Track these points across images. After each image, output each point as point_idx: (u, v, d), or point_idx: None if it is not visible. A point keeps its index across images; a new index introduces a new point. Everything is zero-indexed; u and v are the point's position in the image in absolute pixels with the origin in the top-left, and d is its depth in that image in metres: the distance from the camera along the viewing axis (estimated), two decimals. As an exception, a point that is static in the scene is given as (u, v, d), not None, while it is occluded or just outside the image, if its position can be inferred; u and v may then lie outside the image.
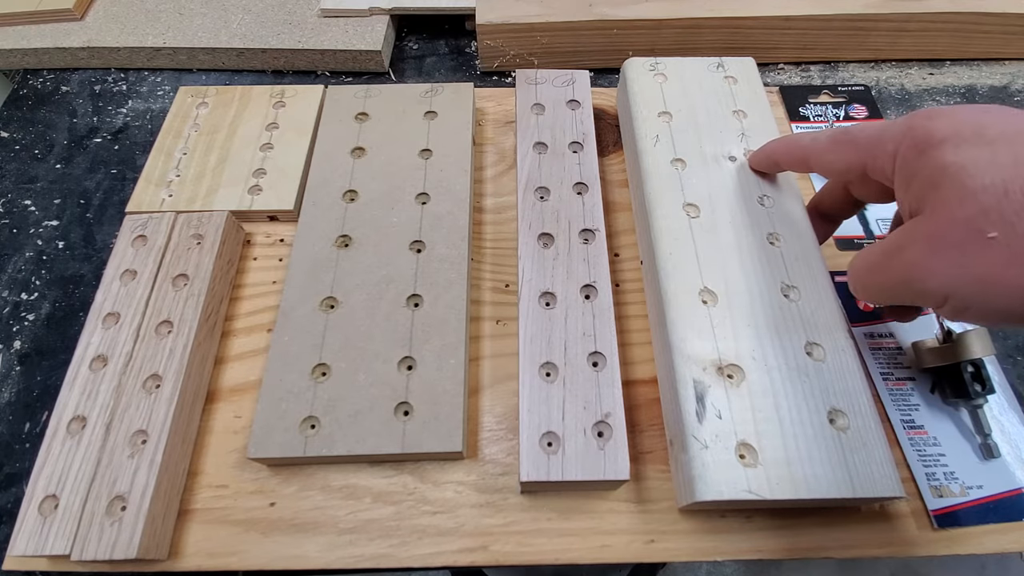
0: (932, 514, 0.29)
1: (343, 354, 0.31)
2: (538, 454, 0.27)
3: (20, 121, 0.47)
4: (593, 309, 0.31)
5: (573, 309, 0.31)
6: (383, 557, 0.28)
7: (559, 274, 0.32)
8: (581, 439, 0.27)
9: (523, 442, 0.27)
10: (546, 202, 0.35)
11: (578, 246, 0.33)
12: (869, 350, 0.34)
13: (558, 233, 0.33)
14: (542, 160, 0.36)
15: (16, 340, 0.36)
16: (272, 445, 0.29)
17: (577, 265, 0.32)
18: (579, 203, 0.35)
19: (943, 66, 0.49)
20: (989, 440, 0.30)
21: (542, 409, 0.28)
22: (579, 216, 0.34)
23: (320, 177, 0.37)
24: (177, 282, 0.34)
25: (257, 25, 0.49)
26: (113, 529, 0.27)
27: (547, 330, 0.30)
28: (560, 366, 0.29)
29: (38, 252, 0.40)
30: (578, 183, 0.36)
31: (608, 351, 0.30)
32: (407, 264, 0.34)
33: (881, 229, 0.38)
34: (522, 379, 0.29)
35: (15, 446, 0.33)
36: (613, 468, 0.27)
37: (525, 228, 0.34)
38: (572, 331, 0.30)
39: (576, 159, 0.37)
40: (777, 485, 0.26)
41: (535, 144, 0.37)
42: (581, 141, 0.38)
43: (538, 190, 0.35)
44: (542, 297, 0.31)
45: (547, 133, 0.38)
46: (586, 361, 0.29)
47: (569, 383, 0.29)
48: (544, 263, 0.32)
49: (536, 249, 0.33)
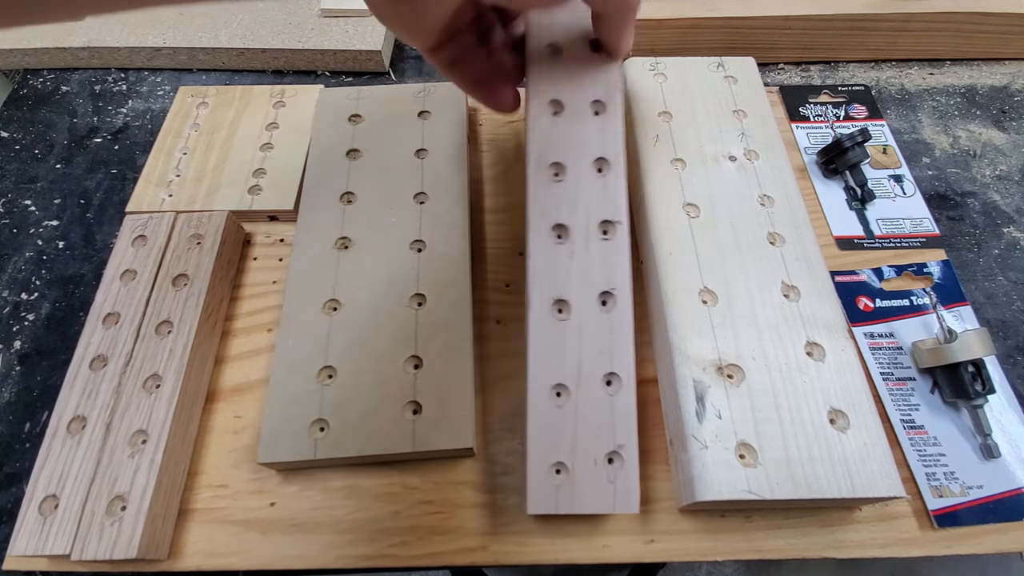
0: (932, 514, 0.29)
1: (349, 355, 0.31)
2: (546, 485, 0.25)
3: (20, 121, 0.47)
4: (611, 322, 0.27)
5: (589, 321, 0.27)
6: (383, 557, 0.28)
7: (574, 276, 0.27)
8: (591, 469, 0.25)
9: (530, 471, 0.25)
10: (561, 183, 0.29)
11: (597, 242, 0.28)
12: (869, 350, 0.34)
13: (574, 225, 0.28)
14: (556, 125, 0.29)
15: (16, 340, 0.36)
16: (282, 449, 0.29)
17: (595, 266, 0.27)
18: (599, 185, 0.28)
19: (943, 66, 0.49)
20: (989, 440, 0.30)
21: (551, 436, 0.26)
22: (599, 203, 0.28)
23: (316, 180, 0.37)
24: (177, 282, 0.34)
25: (257, 25, 0.49)
26: (113, 529, 0.27)
27: (559, 345, 0.26)
28: (572, 388, 0.26)
29: (38, 252, 0.40)
30: (599, 159, 0.29)
31: (625, 373, 0.26)
32: (408, 263, 0.34)
33: (881, 229, 0.38)
34: (530, 401, 0.26)
35: (15, 446, 0.33)
36: (623, 502, 0.25)
37: (537, 216, 0.28)
38: (587, 348, 0.26)
39: (598, 124, 0.29)
40: (777, 485, 0.26)
41: (550, 102, 0.30)
42: (605, 100, 0.30)
43: (552, 166, 0.29)
44: (554, 305, 0.27)
45: (563, 87, 0.30)
46: (600, 382, 0.26)
47: (581, 408, 0.26)
48: (558, 262, 0.28)
49: (549, 244, 0.28)
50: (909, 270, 0.36)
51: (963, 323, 0.35)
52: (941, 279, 0.36)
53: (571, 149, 0.29)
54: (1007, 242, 0.39)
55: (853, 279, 0.36)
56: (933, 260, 0.37)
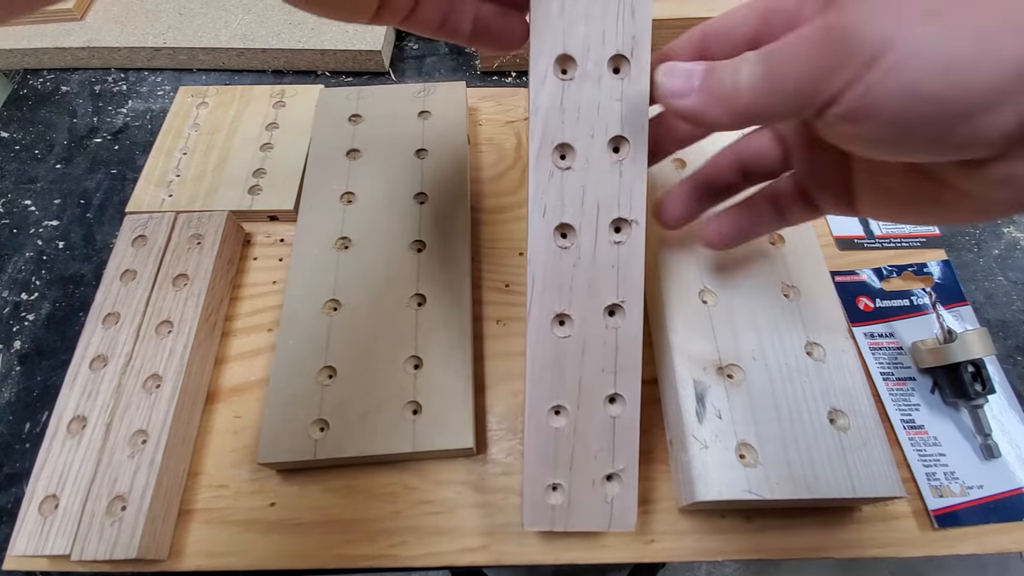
0: (932, 514, 0.29)
1: (349, 355, 0.31)
2: (541, 503, 0.25)
3: (20, 121, 0.47)
4: (618, 338, 0.24)
5: (593, 338, 0.24)
6: (383, 557, 0.28)
7: (579, 287, 0.24)
8: (588, 489, 0.25)
9: (526, 490, 0.25)
10: (569, 171, 0.24)
11: (608, 246, 0.24)
12: (869, 350, 0.34)
13: (582, 224, 0.24)
14: (566, 91, 0.23)
15: (16, 340, 0.36)
16: (282, 450, 0.29)
17: (604, 274, 0.24)
18: (615, 173, 0.24)
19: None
20: (989, 440, 0.30)
21: (548, 457, 0.25)
22: (613, 196, 0.24)
23: (316, 180, 0.37)
24: (177, 282, 0.33)
25: (257, 25, 0.49)
26: (113, 529, 0.27)
27: (559, 364, 0.24)
28: (572, 410, 0.25)
29: (38, 252, 0.40)
30: (616, 137, 0.23)
31: (629, 394, 0.25)
32: (408, 264, 0.34)
33: (881, 229, 0.38)
34: (528, 422, 0.25)
35: (15, 446, 0.33)
36: (619, 521, 0.25)
37: (538, 214, 0.24)
38: (590, 367, 0.24)
39: (617, 89, 0.23)
40: (777, 485, 0.26)
41: (558, 58, 0.23)
42: (628, 54, 0.23)
43: (558, 148, 0.24)
44: (555, 319, 0.25)
45: (577, 37, 0.23)
46: (602, 403, 0.25)
47: (580, 429, 0.25)
48: (561, 269, 0.24)
49: (551, 247, 0.24)
50: (909, 270, 0.36)
51: (963, 323, 0.35)
52: (941, 279, 0.36)
53: (582, 124, 0.23)
54: (1007, 242, 0.39)
55: (853, 279, 0.36)
56: (933, 260, 0.37)
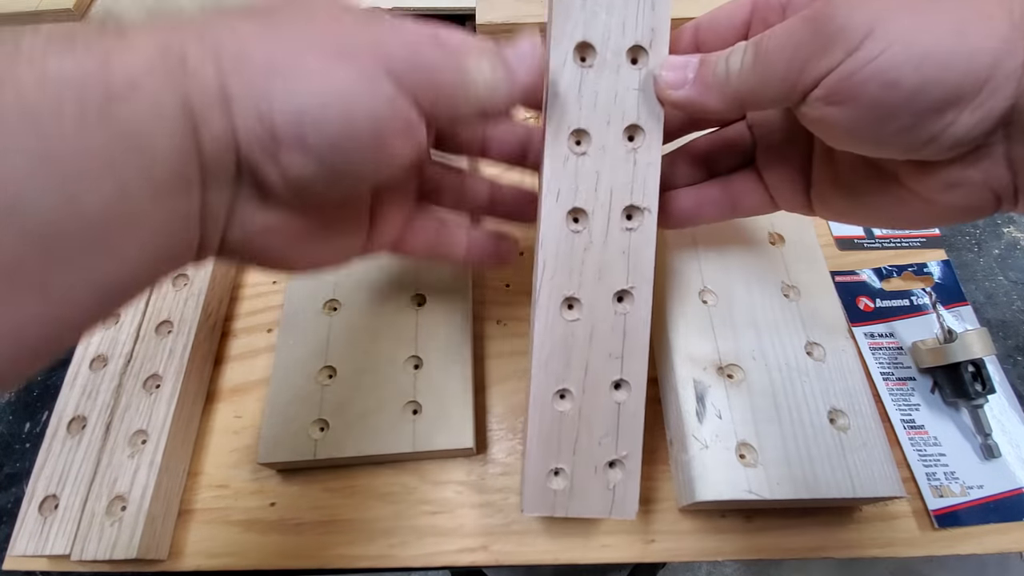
0: (932, 514, 0.29)
1: (349, 355, 0.31)
2: (542, 488, 0.25)
3: (20, 121, 0.47)
4: (625, 324, 0.24)
5: (601, 323, 0.24)
6: (383, 557, 0.28)
7: (589, 271, 0.24)
8: (590, 475, 0.24)
9: (527, 473, 0.25)
10: (584, 157, 0.24)
11: (619, 232, 0.24)
12: (869, 350, 0.34)
13: (595, 209, 0.24)
14: (585, 78, 0.23)
15: (16, 340, 0.36)
16: (282, 449, 0.29)
17: (614, 259, 0.24)
18: (629, 161, 0.24)
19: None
20: (990, 440, 0.30)
21: (551, 441, 0.24)
22: (627, 183, 0.24)
23: None
24: (177, 282, 0.33)
25: (257, 25, 0.49)
26: (113, 529, 0.27)
27: (567, 348, 0.24)
28: (577, 394, 0.24)
29: (38, 252, 0.40)
30: (631, 126, 0.23)
31: (635, 380, 0.24)
32: (408, 264, 0.34)
33: (882, 229, 0.38)
34: (532, 403, 0.25)
35: (15, 446, 0.33)
36: (620, 508, 0.25)
37: (551, 199, 0.24)
38: (597, 351, 0.24)
39: (634, 79, 0.23)
40: (777, 485, 0.26)
41: (578, 45, 0.23)
42: (646, 45, 0.23)
43: (574, 134, 0.24)
44: (564, 302, 0.24)
45: (598, 26, 0.23)
46: (608, 388, 0.24)
47: (585, 414, 0.24)
48: (572, 254, 0.24)
49: (564, 231, 0.24)
50: (909, 270, 0.36)
51: (963, 323, 0.35)
52: (941, 279, 0.36)
53: (599, 111, 0.23)
54: (1007, 242, 0.39)
55: (853, 279, 0.36)
56: (933, 260, 0.37)
